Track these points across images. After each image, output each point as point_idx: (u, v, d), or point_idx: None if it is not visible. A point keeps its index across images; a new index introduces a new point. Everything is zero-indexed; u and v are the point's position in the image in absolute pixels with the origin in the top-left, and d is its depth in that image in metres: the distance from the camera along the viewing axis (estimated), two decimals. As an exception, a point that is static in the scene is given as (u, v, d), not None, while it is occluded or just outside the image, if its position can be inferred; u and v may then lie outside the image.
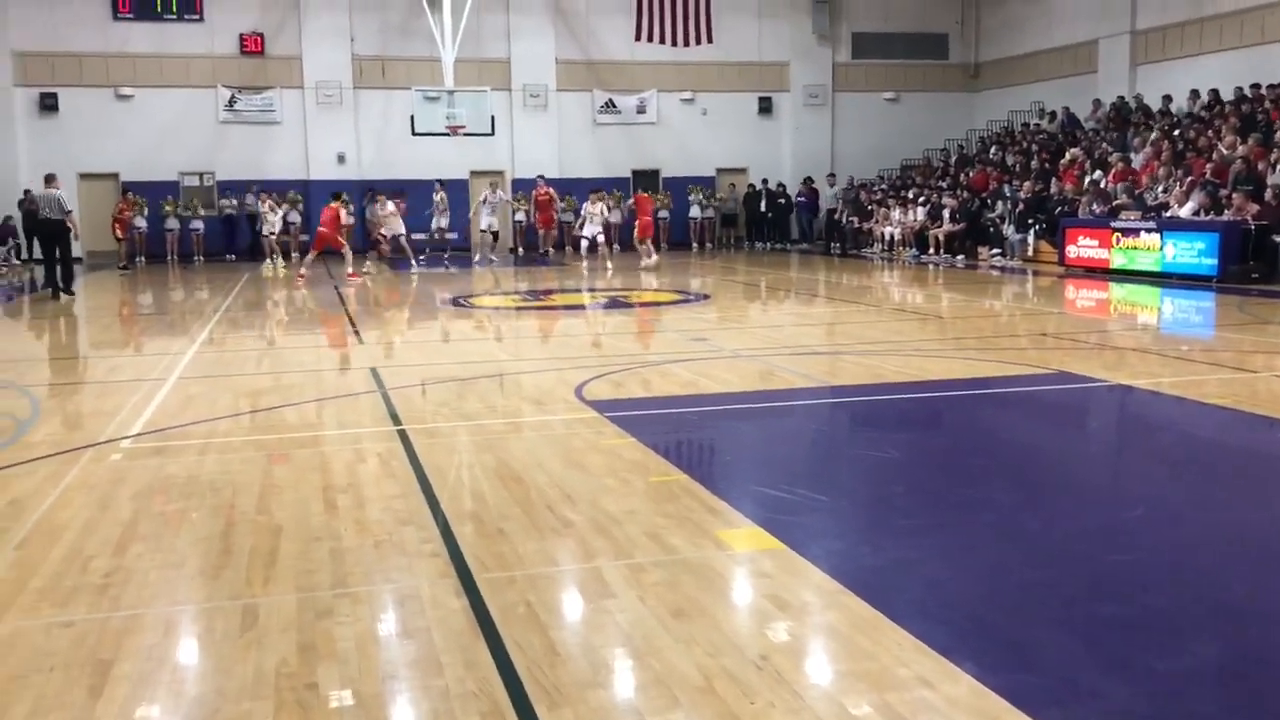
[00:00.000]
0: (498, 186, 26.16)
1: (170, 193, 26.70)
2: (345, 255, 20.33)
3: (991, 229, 22.85)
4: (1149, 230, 17.82)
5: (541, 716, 3.26)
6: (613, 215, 27.11)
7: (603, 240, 23.14)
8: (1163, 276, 17.25)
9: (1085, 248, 19.13)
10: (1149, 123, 23.12)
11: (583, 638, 3.84)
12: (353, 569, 4.55)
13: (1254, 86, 21.63)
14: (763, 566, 4.49)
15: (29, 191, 24.99)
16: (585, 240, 22.87)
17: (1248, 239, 16.59)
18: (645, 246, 22.20)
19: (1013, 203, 22.71)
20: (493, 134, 25.65)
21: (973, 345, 10.97)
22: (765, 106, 30.10)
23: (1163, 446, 7.13)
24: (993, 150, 27.34)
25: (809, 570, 4.42)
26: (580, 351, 11.38)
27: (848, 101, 30.45)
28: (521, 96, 28.37)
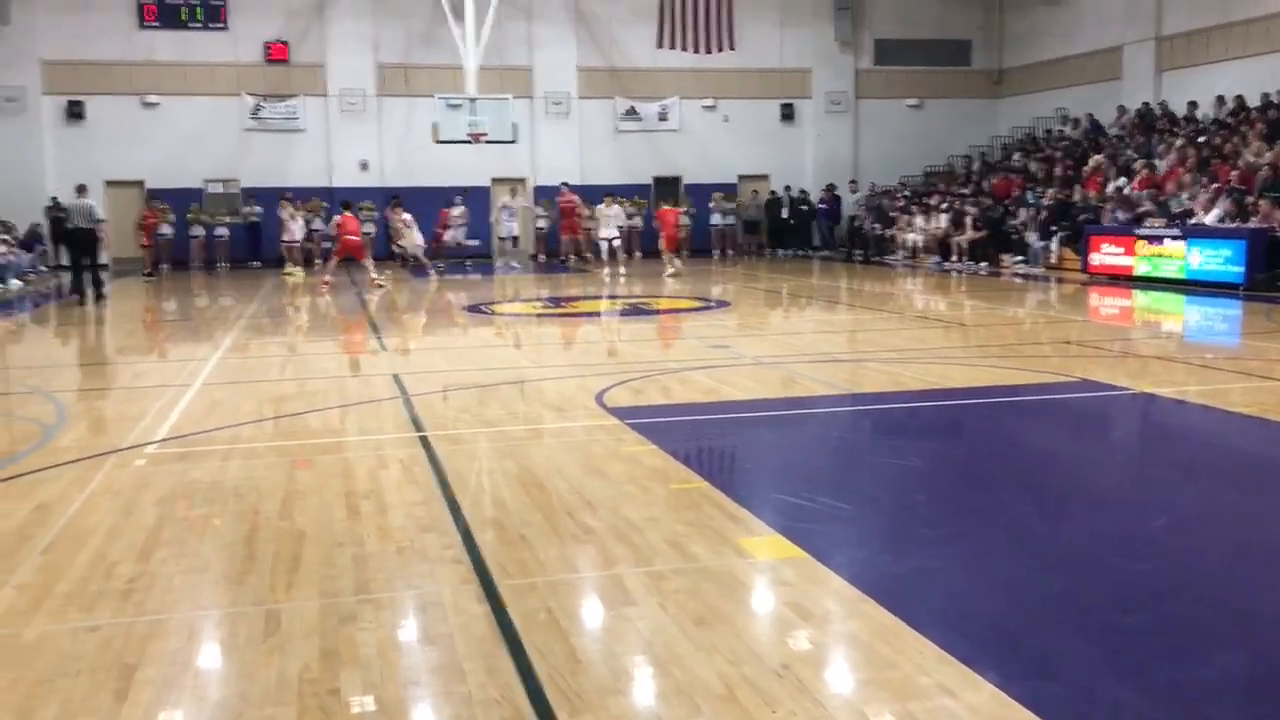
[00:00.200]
0: (517, 193, 26.24)
1: (195, 200, 26.87)
2: (368, 262, 20.43)
3: (1015, 236, 22.75)
4: (1174, 237, 17.71)
5: (562, 723, 3.27)
6: (634, 221, 27.26)
7: (618, 243, 23.18)
8: (1188, 284, 17.14)
9: (1109, 255, 19.02)
10: (1174, 129, 22.98)
11: (604, 645, 3.85)
12: (375, 575, 4.58)
13: (1280, 92, 21.49)
14: (784, 575, 4.49)
15: (56, 199, 25.29)
16: (604, 243, 22.93)
17: (1274, 246, 16.47)
18: (669, 256, 22.64)
19: (1036, 210, 22.61)
20: (515, 141, 25.77)
21: (995, 353, 10.93)
22: (787, 113, 30.06)
23: (1187, 455, 7.08)
24: (1016, 157, 27.22)
25: (830, 578, 4.41)
26: (601, 358, 11.39)
27: (870, 108, 30.38)
28: (543, 104, 28.43)
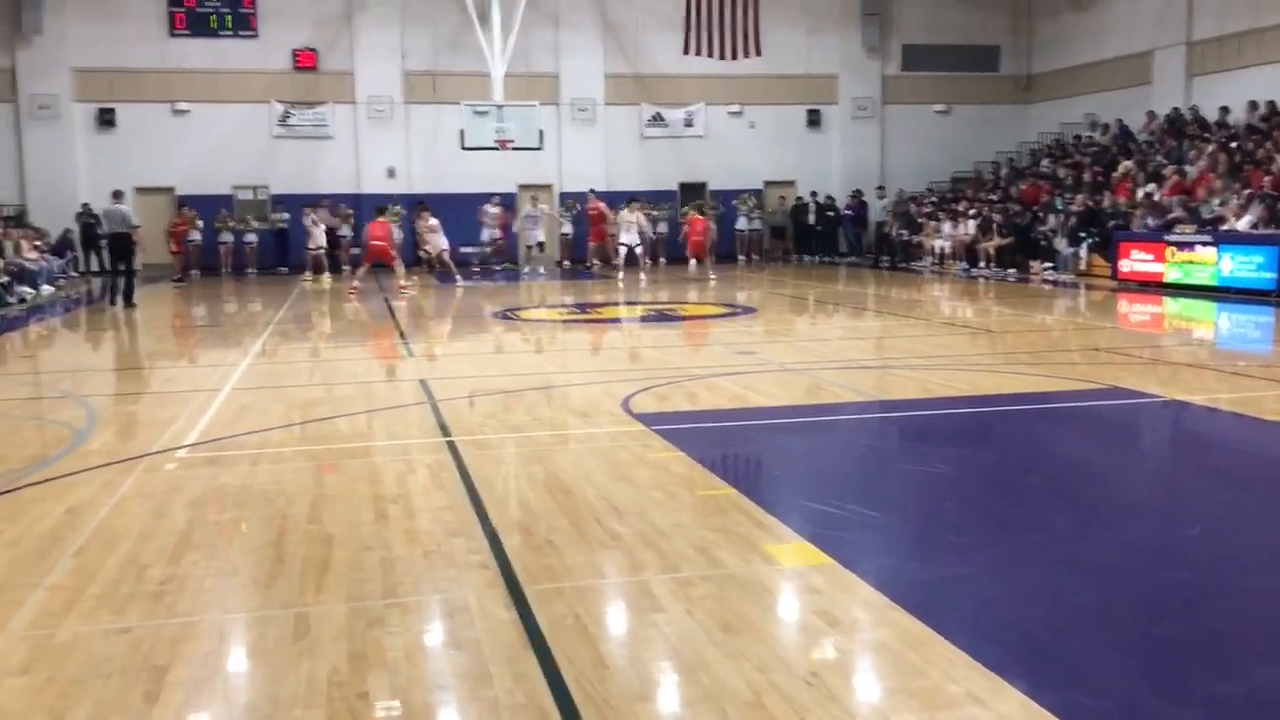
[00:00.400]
0: (539, 200, 26.29)
1: (224, 206, 27.06)
2: (396, 268, 20.51)
3: (1043, 243, 22.60)
4: (1205, 244, 17.55)
5: (590, 729, 3.26)
6: (659, 226, 27.34)
7: (640, 250, 23.25)
8: (1219, 291, 16.97)
9: (1139, 262, 18.86)
10: (1205, 135, 22.77)
11: (631, 651, 3.84)
12: (403, 579, 4.59)
13: (1314, 97, 21.29)
14: (812, 582, 4.47)
15: (87, 205, 25.54)
16: (624, 249, 23.02)
17: (1308, 253, 16.30)
18: (697, 263, 22.92)
19: (1065, 216, 22.46)
20: (541, 148, 25.78)
21: (1024, 360, 10.85)
22: (814, 119, 29.98)
23: (1220, 464, 7.01)
24: (1044, 163, 27.06)
25: (858, 586, 4.39)
26: (626, 364, 11.39)
27: (897, 114, 30.26)
28: (570, 110, 28.47)
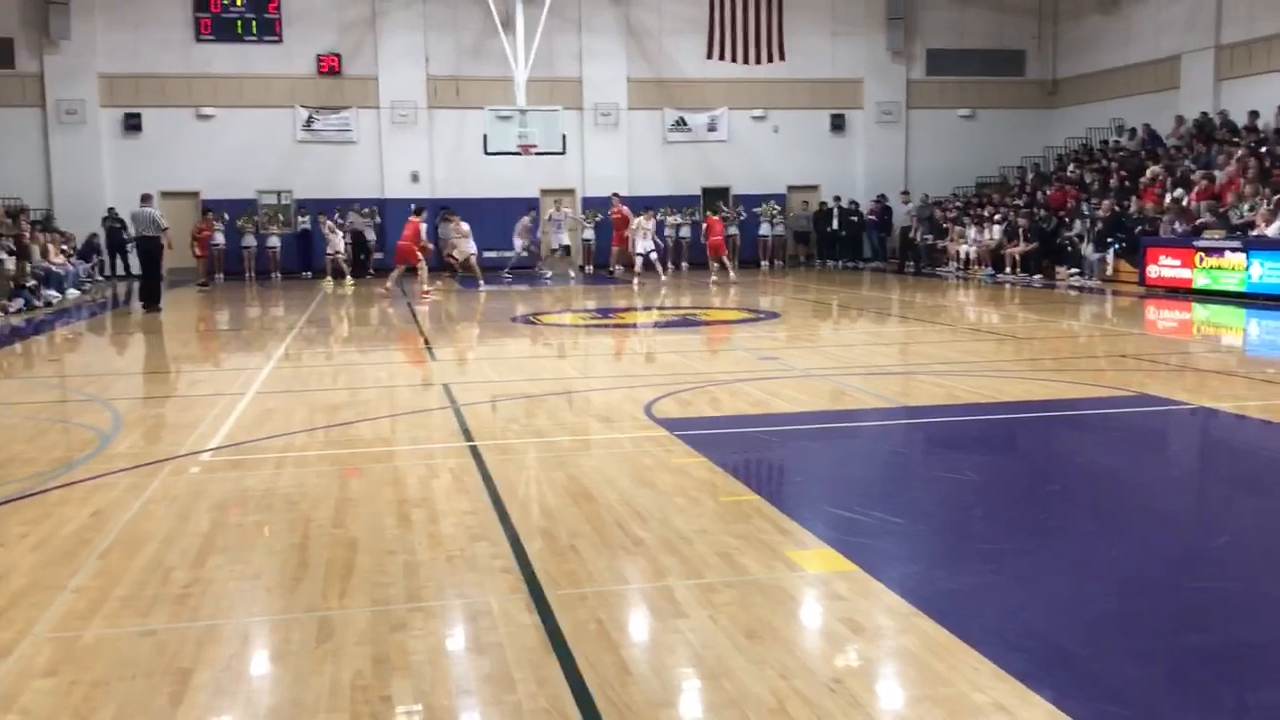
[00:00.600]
0: (562, 204, 26.32)
1: (248, 210, 27.22)
2: (420, 272, 20.58)
3: (1069, 248, 22.45)
4: (1234, 249, 17.40)
5: (613, 735, 3.25)
6: (682, 231, 27.45)
7: (655, 256, 23.31)
8: (1248, 297, 16.82)
9: (1167, 267, 18.72)
10: (1234, 139, 22.57)
11: (654, 657, 3.82)
12: (426, 583, 4.59)
13: (1344, 101, 21.07)
14: (836, 588, 4.44)
15: (113, 209, 25.75)
16: (640, 257, 23.07)
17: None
18: (717, 264, 23.01)
19: (1091, 221, 22.31)
20: (564, 153, 25.85)
21: (1050, 366, 10.78)
22: (838, 124, 29.91)
23: (1249, 472, 6.93)
24: (1070, 168, 26.89)
25: (883, 593, 4.36)
26: (649, 369, 11.38)
27: (922, 118, 30.16)
28: (592, 115, 28.52)
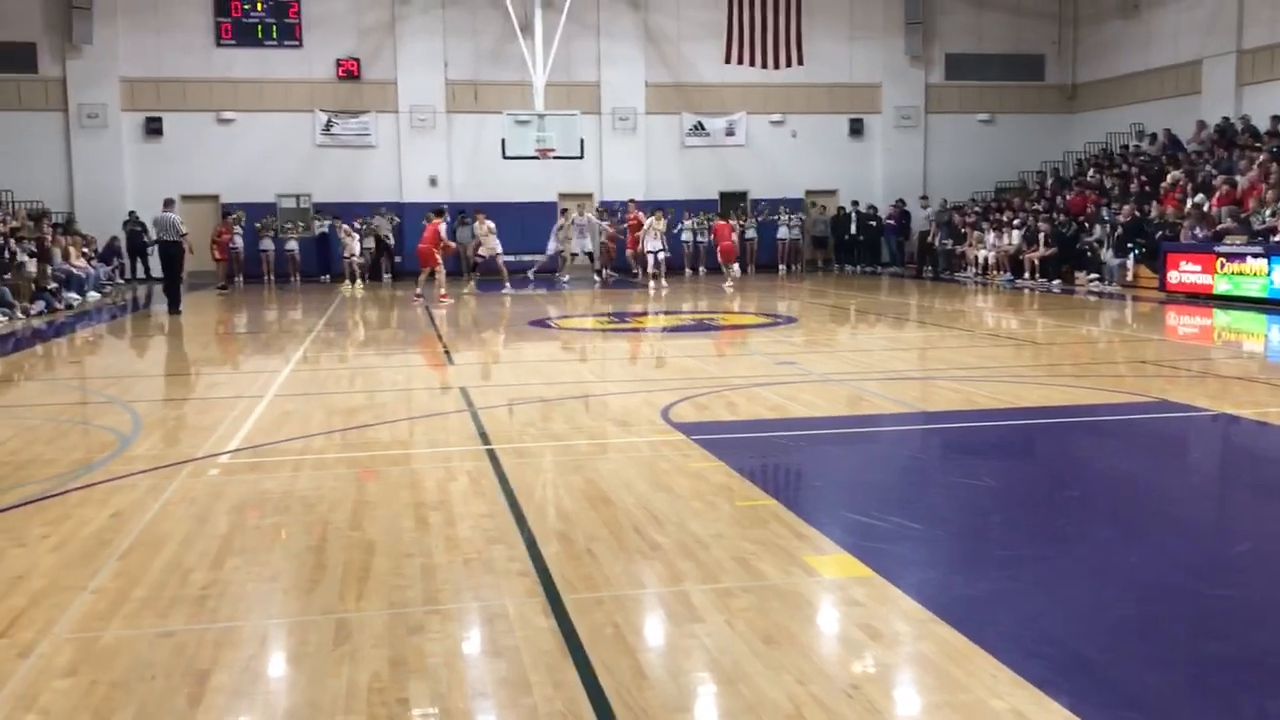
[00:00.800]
0: (584, 209, 26.36)
1: (268, 214, 27.35)
2: (438, 275, 20.61)
3: (1089, 253, 22.34)
4: (1256, 255, 17.28)
5: (629, 740, 3.25)
6: (699, 235, 27.52)
7: (663, 257, 23.38)
8: (1270, 303, 16.70)
9: (1187, 273, 18.61)
10: (1256, 144, 22.41)
11: (670, 661, 3.82)
12: (443, 586, 4.60)
13: (1367, 106, 20.89)
14: (853, 594, 4.43)
15: (134, 213, 25.90)
16: (650, 255, 23.13)
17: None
18: (730, 269, 23.05)
19: (1111, 226, 22.19)
20: (582, 157, 25.91)
21: (1070, 372, 10.72)
22: (856, 128, 29.85)
23: (1270, 479, 6.88)
24: (1090, 173, 26.76)
25: (900, 599, 4.34)
26: (666, 373, 11.38)
27: (940, 123, 30.07)
28: (610, 120, 28.54)
